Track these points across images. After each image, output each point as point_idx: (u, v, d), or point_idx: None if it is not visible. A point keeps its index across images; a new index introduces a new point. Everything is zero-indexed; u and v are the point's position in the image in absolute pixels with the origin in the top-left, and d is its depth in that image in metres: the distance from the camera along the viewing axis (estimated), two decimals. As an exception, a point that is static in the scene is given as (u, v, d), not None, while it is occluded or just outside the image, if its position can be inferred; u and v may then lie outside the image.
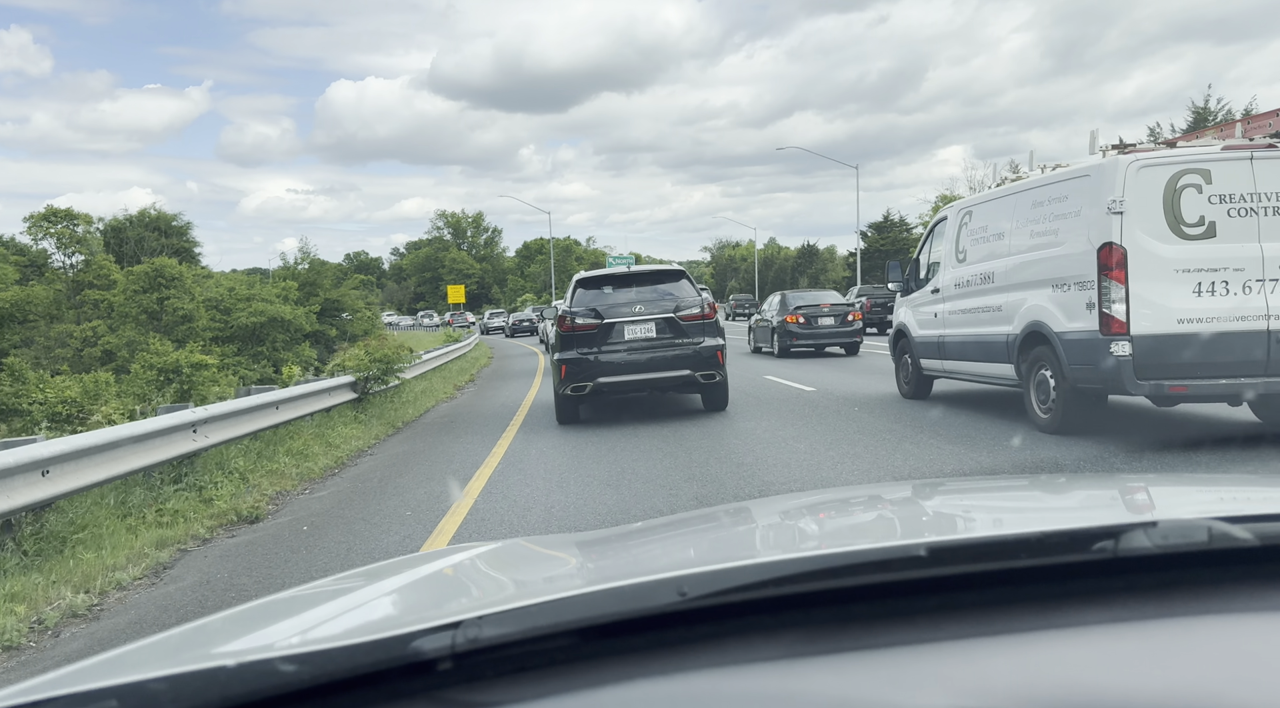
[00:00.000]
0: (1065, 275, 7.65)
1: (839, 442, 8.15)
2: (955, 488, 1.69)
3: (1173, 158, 7.17)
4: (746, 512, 1.68)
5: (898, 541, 0.91)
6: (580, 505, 6.22)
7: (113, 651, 0.92)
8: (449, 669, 0.73)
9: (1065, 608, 0.82)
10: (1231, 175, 7.04)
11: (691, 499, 6.25)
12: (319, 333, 36.82)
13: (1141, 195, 7.06)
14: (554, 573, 1.30)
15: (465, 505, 6.47)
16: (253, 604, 1.18)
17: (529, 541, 1.55)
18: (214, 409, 7.85)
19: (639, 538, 1.42)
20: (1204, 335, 6.93)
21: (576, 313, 10.19)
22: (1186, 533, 0.85)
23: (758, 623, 0.80)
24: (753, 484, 6.62)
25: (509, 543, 1.51)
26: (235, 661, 0.70)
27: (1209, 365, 6.95)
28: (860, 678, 0.72)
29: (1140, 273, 7.02)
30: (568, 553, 1.41)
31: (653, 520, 1.64)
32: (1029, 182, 8.69)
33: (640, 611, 0.78)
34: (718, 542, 1.38)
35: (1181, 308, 6.98)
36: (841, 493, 1.63)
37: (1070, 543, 0.86)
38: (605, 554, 1.35)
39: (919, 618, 0.81)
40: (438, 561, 1.38)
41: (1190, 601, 0.83)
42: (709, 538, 1.41)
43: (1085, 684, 0.66)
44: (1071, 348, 7.51)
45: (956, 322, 9.71)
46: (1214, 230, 7.02)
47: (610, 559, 1.31)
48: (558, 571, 1.32)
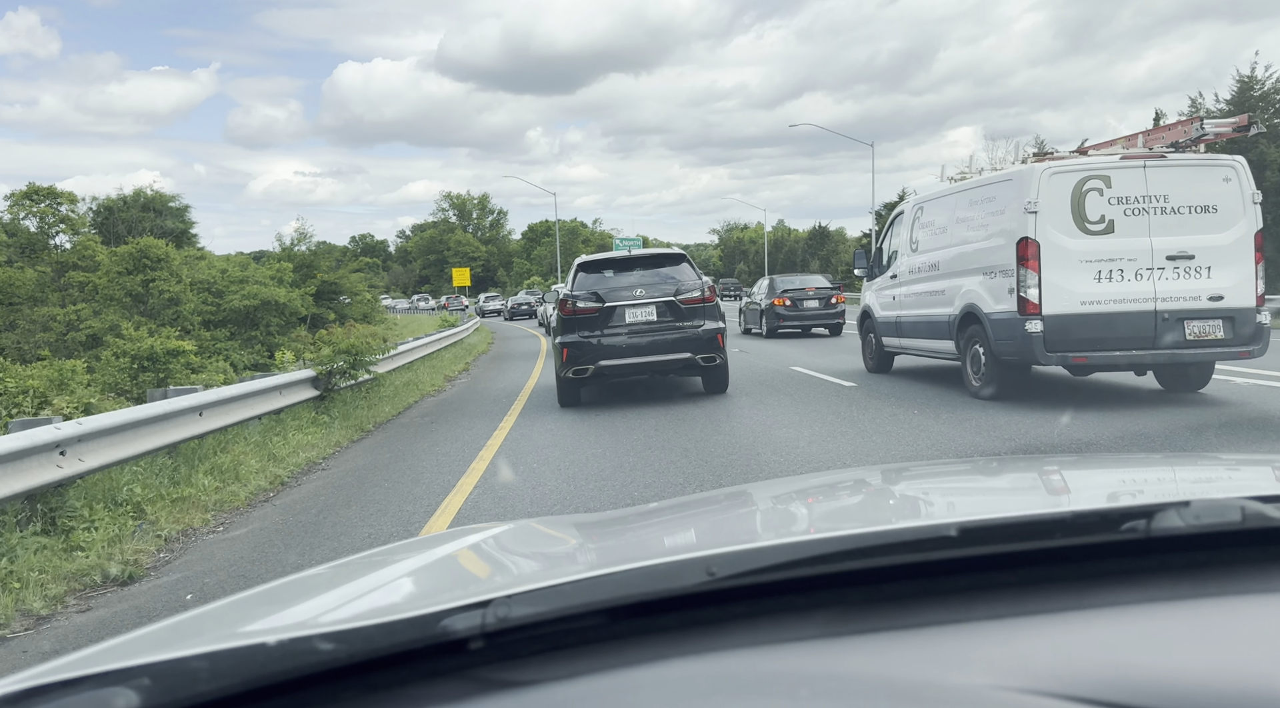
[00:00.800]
0: (993, 264, 8.91)
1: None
2: (982, 467, 1.65)
3: (1079, 165, 8.41)
4: (762, 492, 1.65)
5: (928, 520, 0.87)
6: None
7: (142, 629, 0.92)
8: (481, 648, 0.73)
9: (1099, 588, 0.81)
10: (1128, 180, 8.30)
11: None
12: (316, 316, 35.48)
13: (1052, 197, 8.31)
14: (572, 553, 1.29)
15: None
16: (277, 583, 1.17)
17: (539, 522, 1.55)
18: (91, 424, 5.92)
19: (655, 518, 1.42)
20: (1102, 315, 8.21)
21: (578, 296, 10.25)
22: (1220, 512, 0.84)
23: (789, 603, 0.80)
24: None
25: (520, 524, 1.51)
26: (275, 638, 0.69)
27: (1106, 340, 8.23)
28: (899, 657, 0.71)
29: (1051, 263, 8.28)
30: (582, 534, 1.39)
31: (666, 501, 1.62)
32: (968, 182, 9.99)
33: (670, 590, 0.77)
34: (739, 522, 1.38)
35: (1084, 292, 8.24)
36: (861, 473, 1.58)
37: (1103, 523, 0.85)
38: (622, 535, 1.33)
39: (952, 598, 0.81)
40: (452, 542, 1.36)
41: (1225, 580, 0.82)
42: (729, 518, 1.41)
43: (1127, 664, 0.65)
44: (997, 326, 8.79)
45: (910, 304, 10.98)
46: (1112, 227, 8.27)
47: (629, 540, 1.30)
48: (576, 551, 1.30)
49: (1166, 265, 8.20)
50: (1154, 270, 8.21)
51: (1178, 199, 8.26)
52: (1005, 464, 1.65)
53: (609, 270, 10.61)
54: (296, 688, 0.69)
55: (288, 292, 31.94)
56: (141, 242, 31.06)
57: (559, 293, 10.97)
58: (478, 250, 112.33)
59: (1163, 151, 8.63)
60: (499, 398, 12.32)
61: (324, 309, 36.55)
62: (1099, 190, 8.29)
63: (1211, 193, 8.29)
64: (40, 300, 31.95)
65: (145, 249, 29.91)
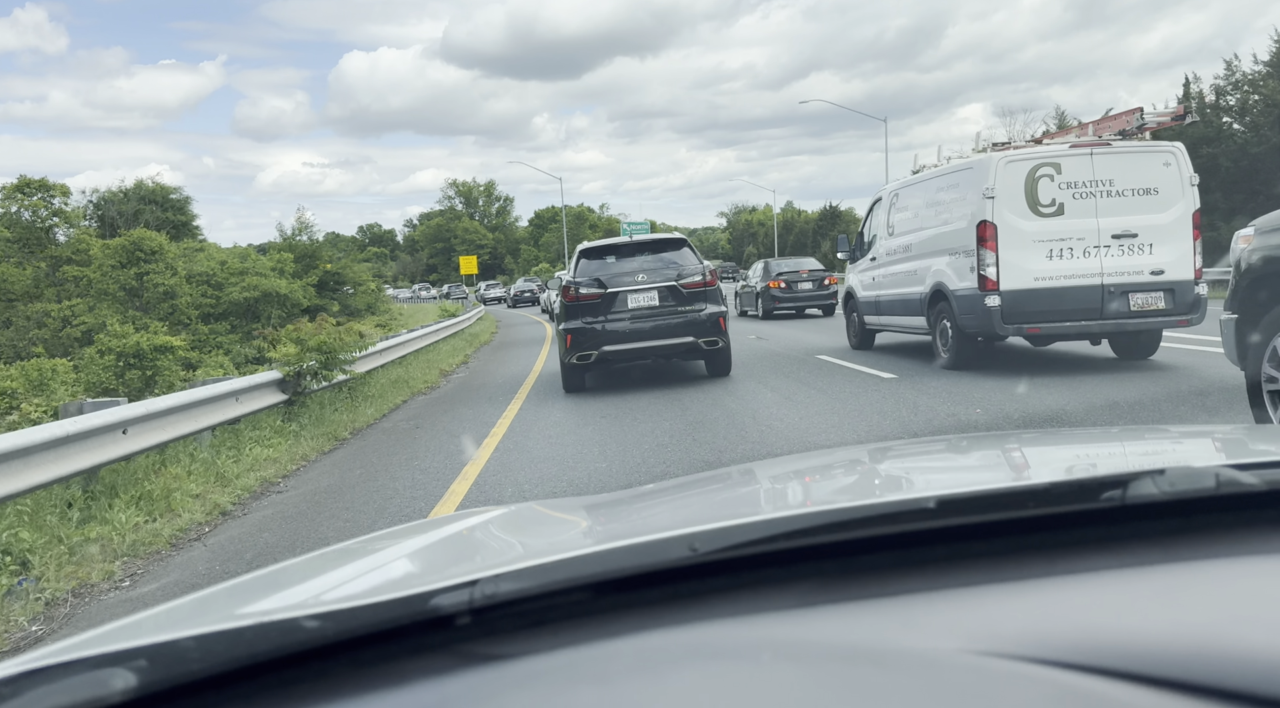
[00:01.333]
0: (957, 246, 9.66)
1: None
2: (961, 443, 1.68)
3: (1032, 154, 9.15)
4: (753, 472, 1.68)
5: (905, 494, 0.89)
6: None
7: (139, 614, 0.94)
8: (468, 624, 0.75)
9: (1073, 556, 0.82)
10: (1076, 167, 9.03)
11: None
12: (319, 307, 33.92)
13: (1008, 183, 9.05)
14: (566, 533, 1.32)
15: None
16: (276, 567, 1.19)
17: (540, 504, 1.57)
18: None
19: (649, 499, 1.45)
20: (1054, 290, 8.96)
21: (580, 283, 10.27)
22: (1194, 480, 0.85)
23: (769, 575, 0.82)
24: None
25: (521, 506, 1.55)
26: (260, 619, 0.71)
27: (1057, 312, 9.00)
28: (869, 624, 0.72)
29: (1007, 243, 9.03)
30: (579, 515, 1.41)
31: (663, 482, 1.65)
32: (936, 171, 10.69)
33: (652, 565, 0.79)
34: (727, 500, 1.41)
35: (1037, 269, 9.00)
36: (847, 452, 1.63)
37: (1079, 492, 0.86)
38: (616, 515, 1.36)
39: (929, 568, 0.82)
40: (453, 524, 1.39)
41: (1197, 546, 0.83)
42: (719, 497, 1.44)
43: (1094, 627, 0.66)
44: (961, 302, 9.54)
45: (888, 284, 11.73)
46: (1062, 210, 9.01)
47: (621, 520, 1.32)
48: (570, 531, 1.33)
49: (1112, 243, 8.94)
50: (1100, 248, 8.96)
51: (1122, 183, 9.00)
52: (984, 439, 1.67)
53: (611, 256, 10.63)
54: (287, 665, 0.71)
55: (288, 283, 31.00)
56: (135, 234, 29.64)
57: (561, 279, 11.00)
58: (484, 238, 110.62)
59: (1109, 140, 9.38)
60: (495, 395, 11.33)
61: (327, 300, 35.60)
62: (1050, 176, 9.03)
63: (1153, 177, 9.03)
64: (35, 296, 30.76)
65: (139, 241, 28.50)
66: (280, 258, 34.05)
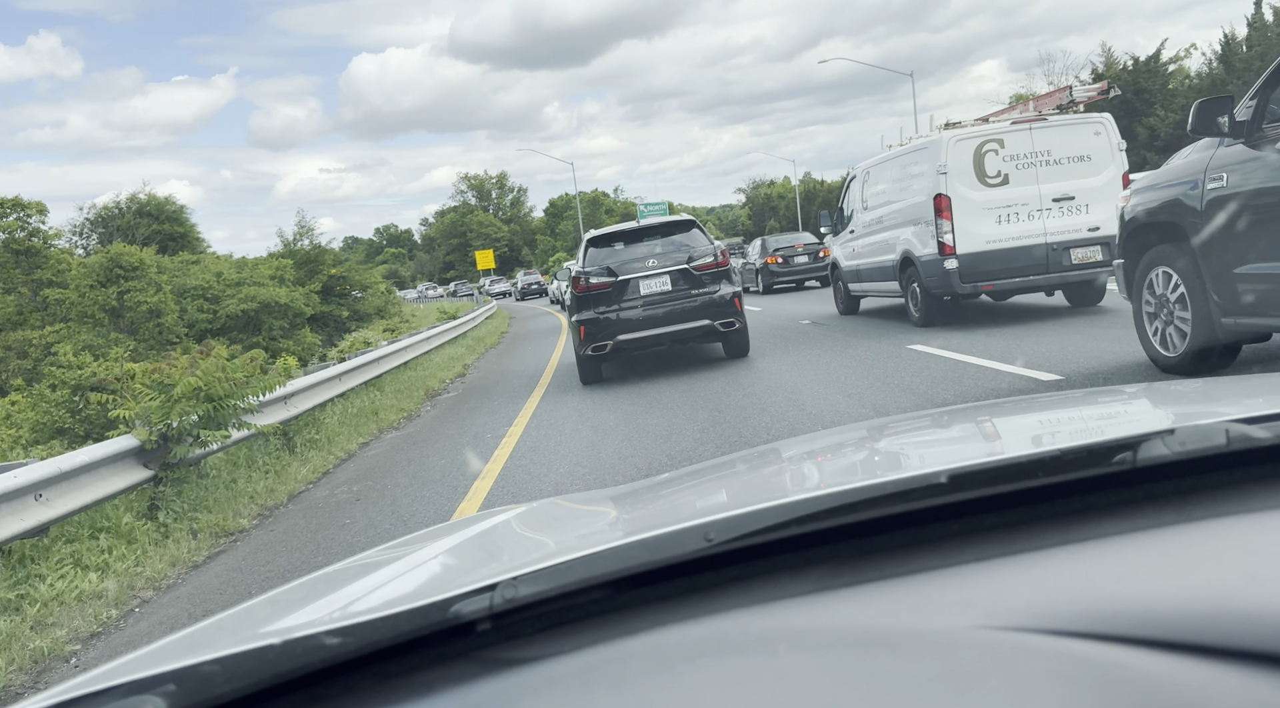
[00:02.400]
0: (919, 216, 10.76)
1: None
2: (965, 414, 1.64)
3: (979, 132, 10.23)
4: (767, 455, 1.63)
5: (917, 470, 0.85)
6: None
7: (165, 639, 0.94)
8: (488, 630, 0.75)
9: (1086, 522, 0.81)
10: (1018, 141, 10.11)
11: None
12: (325, 315, 32.58)
13: (958, 159, 10.14)
14: (586, 529, 1.29)
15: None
16: (297, 583, 1.19)
17: (563, 499, 1.60)
18: None
19: (666, 489, 1.43)
20: (1004, 250, 10.06)
21: (590, 272, 10.05)
22: (1205, 437, 0.84)
23: (783, 562, 0.81)
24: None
25: (543, 503, 1.55)
26: (282, 638, 0.70)
27: (1008, 270, 10.09)
28: (883, 606, 0.71)
29: (960, 212, 10.12)
30: (599, 508, 1.41)
31: (679, 471, 1.62)
32: (899, 150, 11.78)
33: (668, 559, 0.78)
34: (742, 486, 1.39)
35: (988, 234, 10.09)
36: (856, 431, 1.72)
37: (1090, 457, 0.84)
38: (635, 507, 1.34)
39: (943, 544, 0.81)
40: (476, 525, 1.38)
41: (1209, 505, 0.82)
42: (732, 484, 1.42)
43: (1104, 594, 0.66)
44: (925, 266, 10.65)
45: (865, 253, 12.84)
46: (1007, 180, 10.09)
47: (640, 511, 1.30)
48: (589, 526, 1.31)
49: (1053, 206, 10.03)
50: (1043, 211, 10.04)
51: (1059, 152, 10.07)
52: (990, 408, 1.62)
53: (619, 243, 10.40)
54: (312, 682, 0.71)
55: (289, 291, 28.86)
56: (112, 249, 27.32)
57: (571, 270, 10.77)
58: (500, 231, 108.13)
59: (1046, 115, 10.44)
60: (482, 433, 8.37)
61: (334, 306, 33.74)
62: (995, 151, 10.11)
63: (1085, 145, 10.09)
64: (19, 323, 28.52)
65: (116, 257, 26.14)
66: (279, 264, 31.78)
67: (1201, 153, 5.81)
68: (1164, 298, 6.28)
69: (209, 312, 27.61)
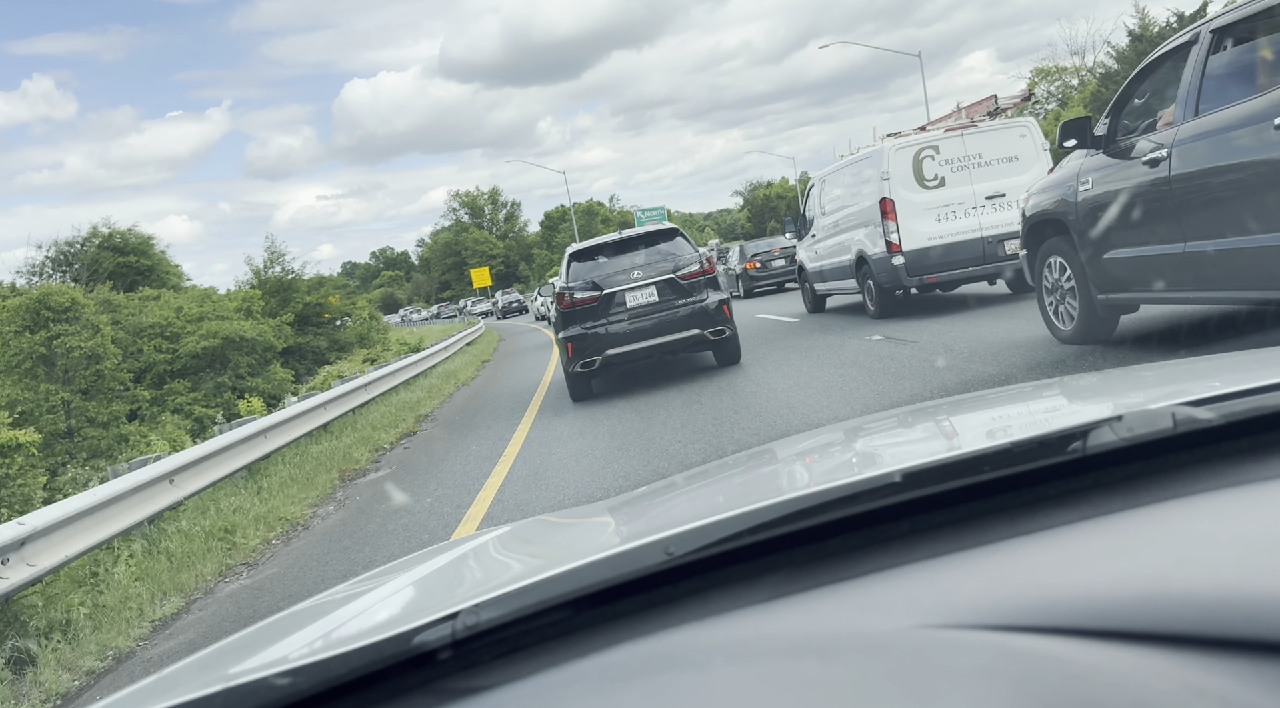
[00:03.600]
0: (869, 219, 11.70)
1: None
2: (919, 413, 1.63)
3: (917, 140, 11.18)
4: (737, 464, 1.62)
5: (869, 471, 0.85)
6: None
7: (123, 690, 0.92)
8: (448, 659, 0.74)
9: (1035, 514, 0.81)
10: (952, 146, 11.06)
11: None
12: (302, 347, 30.57)
13: (899, 166, 11.09)
14: (558, 549, 1.28)
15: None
16: (267, 622, 1.17)
17: (550, 516, 1.58)
18: None
19: (640, 503, 1.41)
20: (944, 245, 11.01)
21: (574, 288, 9.81)
22: (1152, 422, 0.84)
23: (739, 571, 0.80)
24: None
25: (526, 522, 1.54)
26: (230, 683, 0.70)
27: (949, 263, 11.04)
28: (828, 611, 0.71)
29: (904, 213, 11.07)
30: (577, 526, 1.40)
31: (671, 478, 1.60)
32: (849, 159, 12.75)
33: (628, 575, 0.77)
34: (704, 497, 1.36)
35: (930, 231, 11.03)
36: (818, 437, 1.62)
37: (1039, 449, 0.84)
38: (607, 523, 1.33)
39: (893, 543, 0.81)
40: (456, 549, 1.38)
41: (1155, 489, 0.82)
42: (698, 495, 1.39)
43: (1043, 586, 0.66)
44: (876, 264, 11.59)
45: (826, 254, 13.79)
46: (944, 182, 11.04)
47: (610, 527, 1.30)
48: (562, 546, 1.30)
49: (986, 204, 10.97)
50: (978, 208, 10.99)
51: (989, 155, 11.03)
52: (945, 407, 1.60)
53: (602, 256, 10.16)
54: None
55: (256, 324, 26.73)
56: (38, 289, 24.38)
57: (555, 286, 10.52)
58: (495, 247, 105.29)
59: (976, 121, 11.39)
60: (413, 528, 5.92)
61: (310, 337, 31.51)
62: (931, 156, 11.07)
63: (1013, 147, 11.04)
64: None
65: (44, 298, 23.02)
66: (247, 295, 29.55)
67: (1076, 161, 6.76)
68: (1057, 282, 7.23)
69: (168, 351, 25.22)
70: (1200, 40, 5.45)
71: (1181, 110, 5.51)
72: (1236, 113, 4.96)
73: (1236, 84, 5.10)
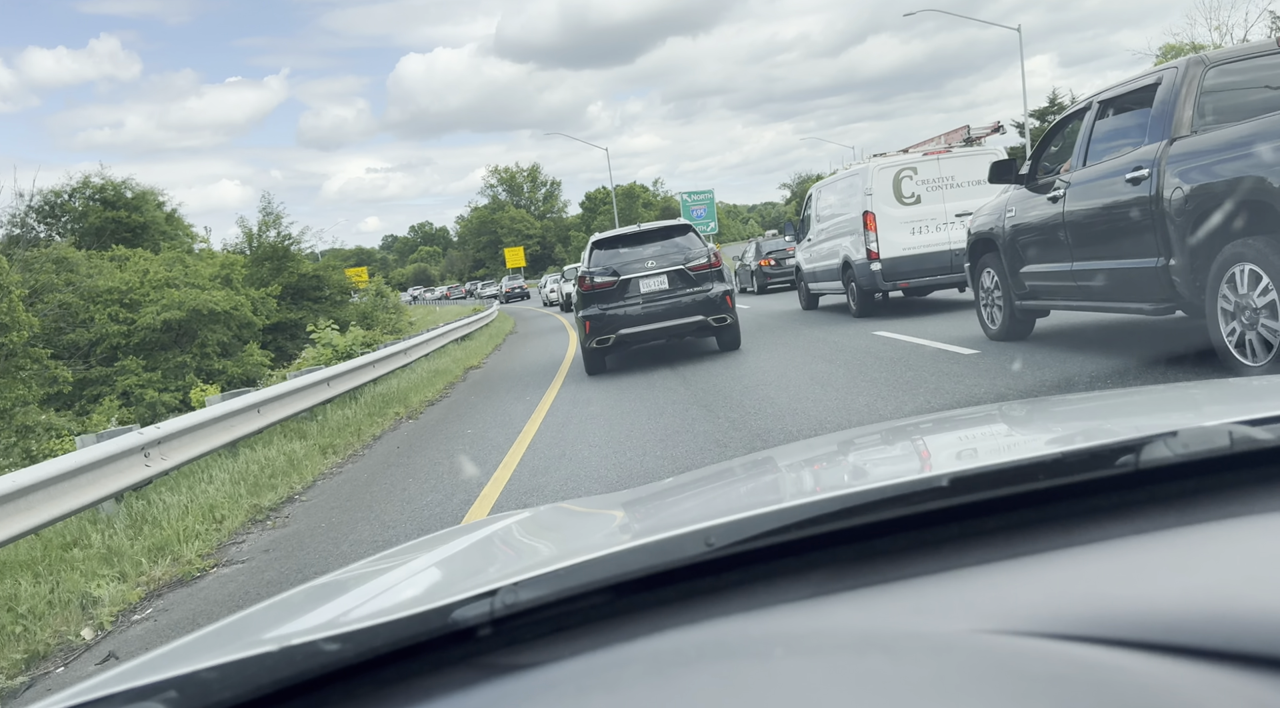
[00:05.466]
0: (853, 229, 12.85)
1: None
2: (963, 418, 1.58)
3: (898, 162, 12.31)
4: (769, 461, 1.56)
5: (918, 474, 0.83)
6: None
7: (166, 646, 0.89)
8: (489, 635, 0.72)
9: (1088, 525, 0.78)
10: (928, 168, 12.19)
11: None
12: (291, 324, 26.13)
13: (881, 183, 12.23)
14: (587, 534, 1.24)
15: None
16: (297, 590, 1.14)
17: (566, 504, 1.54)
18: None
19: (668, 495, 1.37)
20: (917, 255, 12.15)
21: (594, 272, 10.57)
22: (1208, 439, 0.81)
23: (784, 566, 0.78)
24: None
25: (545, 508, 1.50)
26: (279, 645, 0.68)
27: (920, 271, 12.18)
28: (884, 609, 0.68)
29: (883, 226, 12.21)
30: (600, 514, 1.35)
31: (679, 477, 1.56)
32: (840, 174, 13.90)
33: (669, 563, 0.75)
34: (743, 491, 1.32)
35: (905, 242, 12.18)
36: (857, 434, 1.56)
37: (1092, 460, 0.81)
38: (636, 512, 1.28)
39: (943, 547, 0.78)
40: (477, 531, 1.33)
41: (1212, 506, 0.78)
42: (734, 489, 1.36)
43: (1105, 597, 0.63)
44: (858, 269, 12.74)
45: (818, 258, 14.93)
46: (920, 200, 12.17)
47: (641, 516, 1.24)
48: (590, 531, 1.26)
49: (955, 220, 12.08)
50: (948, 224, 12.12)
51: (961, 177, 12.14)
52: (990, 413, 1.53)
53: (621, 246, 10.86)
54: (310, 689, 0.68)
55: (231, 295, 22.94)
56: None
57: (577, 270, 11.34)
58: (532, 227, 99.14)
59: (952, 147, 12.53)
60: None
61: (304, 312, 26.99)
62: (910, 176, 12.20)
63: (981, 172, 12.03)
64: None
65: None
66: (228, 261, 25.52)
67: (1007, 193, 7.93)
68: (990, 290, 8.41)
69: (125, 322, 20.85)
70: (1092, 107, 6.62)
71: (1076, 159, 6.69)
72: (1106, 166, 6.14)
73: (1110, 143, 6.27)
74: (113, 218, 35.07)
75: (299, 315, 26.54)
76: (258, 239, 29.62)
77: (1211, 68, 5.64)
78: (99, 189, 35.66)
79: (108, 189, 35.70)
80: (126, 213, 35.59)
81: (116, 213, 35.39)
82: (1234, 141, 5.00)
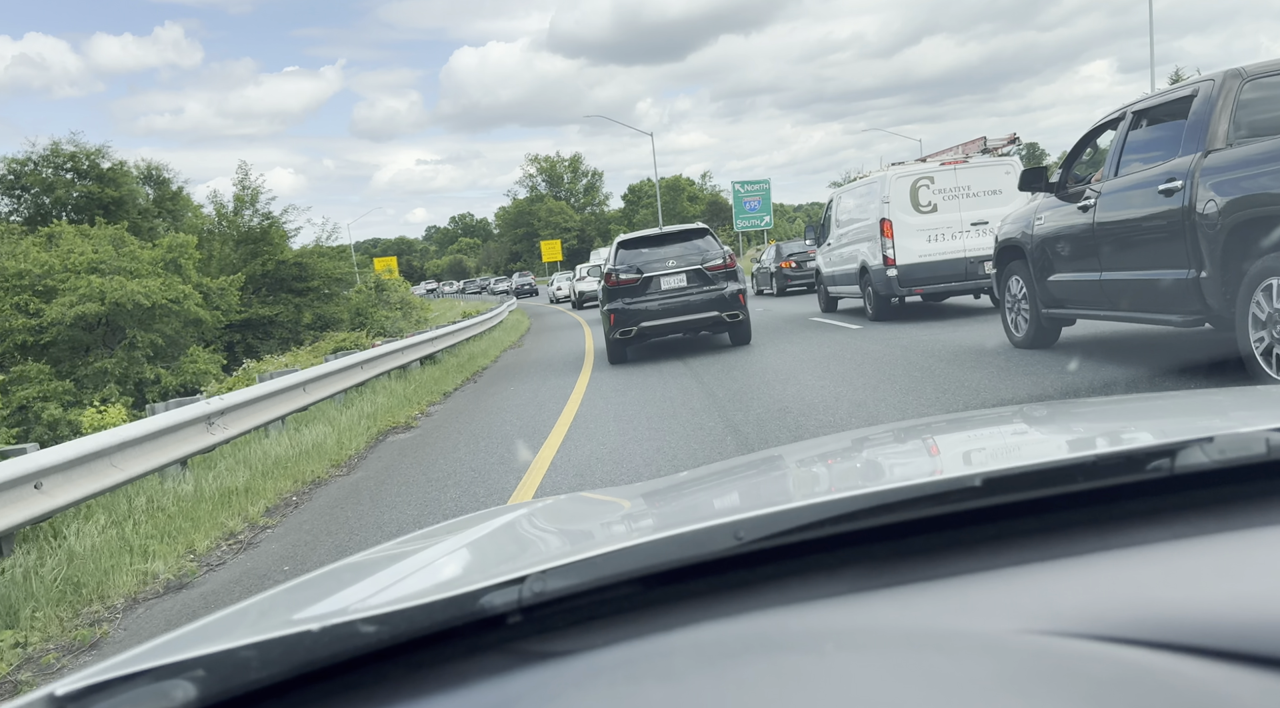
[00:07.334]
0: (871, 235, 12.53)
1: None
2: (1000, 417, 1.51)
3: (915, 171, 12.00)
4: (795, 455, 1.50)
5: (952, 472, 0.80)
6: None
7: (194, 623, 0.84)
8: (519, 622, 0.69)
9: (1124, 529, 0.74)
10: (945, 178, 11.86)
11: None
12: (265, 320, 21.25)
13: (899, 192, 11.92)
14: (613, 524, 1.18)
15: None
16: (325, 570, 1.09)
17: (590, 493, 1.49)
18: None
19: (691, 487, 1.31)
20: (932, 262, 11.79)
21: (620, 270, 11.02)
22: (1244, 446, 0.77)
23: (817, 562, 0.74)
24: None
25: (568, 497, 1.45)
26: (319, 624, 0.64)
27: (935, 278, 11.84)
28: (926, 608, 0.65)
29: (900, 233, 11.90)
30: (624, 504, 1.29)
31: (707, 467, 1.51)
32: (858, 182, 13.56)
33: (698, 556, 0.72)
34: (770, 485, 1.28)
35: (921, 250, 11.86)
36: (886, 432, 1.51)
37: (1127, 463, 0.77)
38: (661, 504, 1.23)
39: (979, 547, 0.74)
40: (499, 518, 1.27)
41: (1250, 513, 0.74)
42: (760, 483, 1.31)
43: (1152, 600, 0.60)
44: (875, 274, 12.43)
45: (838, 263, 14.61)
46: (937, 208, 11.85)
47: (666, 508, 1.20)
48: (616, 522, 1.20)
49: (971, 229, 11.76)
50: (963, 232, 11.79)
51: (977, 187, 11.81)
52: (1024, 414, 1.45)
53: (645, 247, 11.29)
54: (345, 670, 0.66)
55: (172, 284, 17.45)
56: None
57: (602, 268, 11.75)
58: (571, 220, 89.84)
59: (969, 157, 12.22)
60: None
61: (284, 307, 22.37)
62: (927, 185, 11.89)
63: (998, 182, 11.82)
64: None
65: None
66: (176, 243, 19.49)
67: (1036, 201, 7.64)
68: (1016, 296, 8.11)
69: (35, 313, 16.12)
70: (1126, 117, 6.33)
71: (1108, 169, 6.37)
72: (1138, 177, 5.83)
73: (1143, 154, 5.98)
74: (84, 192, 28.63)
75: (274, 312, 21.59)
76: (229, 220, 23.86)
77: (1249, 81, 5.35)
78: (68, 157, 28.91)
79: (80, 158, 28.92)
80: (98, 186, 29.02)
81: (88, 186, 28.85)
82: (1270, 155, 4.72)
